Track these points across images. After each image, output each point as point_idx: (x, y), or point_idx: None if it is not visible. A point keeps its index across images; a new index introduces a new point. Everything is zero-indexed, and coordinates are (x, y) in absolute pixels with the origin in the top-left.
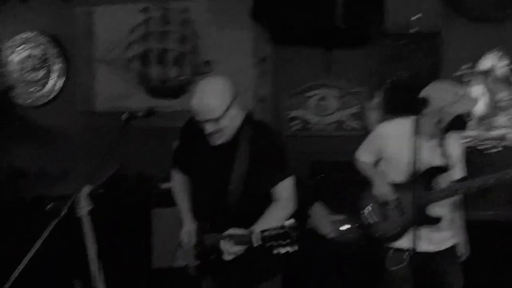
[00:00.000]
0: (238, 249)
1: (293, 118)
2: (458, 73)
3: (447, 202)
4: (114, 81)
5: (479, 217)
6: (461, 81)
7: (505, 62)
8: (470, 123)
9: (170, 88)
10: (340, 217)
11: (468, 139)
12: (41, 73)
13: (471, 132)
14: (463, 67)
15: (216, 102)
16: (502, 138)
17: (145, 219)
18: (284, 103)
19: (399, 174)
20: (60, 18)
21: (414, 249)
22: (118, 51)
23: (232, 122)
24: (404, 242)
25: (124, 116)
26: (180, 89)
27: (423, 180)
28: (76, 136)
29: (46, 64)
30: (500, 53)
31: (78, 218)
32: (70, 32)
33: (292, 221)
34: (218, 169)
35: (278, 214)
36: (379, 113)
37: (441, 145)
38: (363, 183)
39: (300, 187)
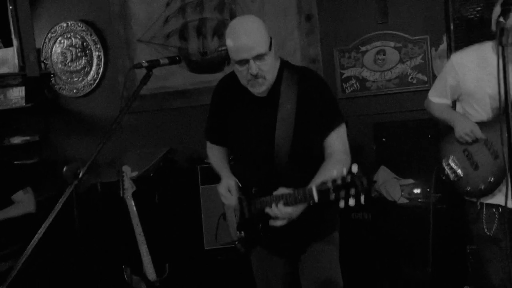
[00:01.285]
0: (293, 210)
1: (348, 78)
2: None
3: None
4: None
5: None
6: None
7: None
8: None
9: (211, 61)
10: (410, 180)
11: None
12: (83, 61)
13: None
14: None
15: (261, 35)
16: None
17: (196, 200)
18: (336, 62)
19: (484, 112)
20: (95, 3)
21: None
22: (156, 28)
23: (273, 65)
24: (497, 197)
25: (144, 63)
26: (221, 62)
27: None
28: (122, 122)
29: (87, 52)
30: None
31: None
32: (107, 16)
33: (356, 167)
34: (260, 125)
35: (336, 168)
36: None
37: None
38: (432, 143)
39: (362, 151)
